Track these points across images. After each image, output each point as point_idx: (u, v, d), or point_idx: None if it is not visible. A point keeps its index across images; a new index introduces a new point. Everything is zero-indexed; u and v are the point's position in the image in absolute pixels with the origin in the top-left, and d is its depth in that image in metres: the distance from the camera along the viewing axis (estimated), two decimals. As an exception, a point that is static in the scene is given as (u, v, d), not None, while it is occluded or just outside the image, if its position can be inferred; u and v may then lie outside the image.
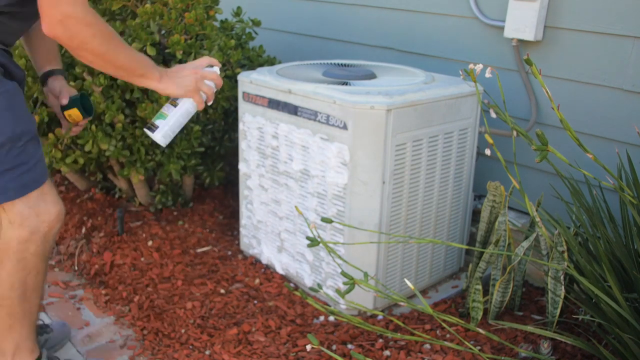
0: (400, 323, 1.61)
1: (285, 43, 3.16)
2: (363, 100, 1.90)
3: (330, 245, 2.10)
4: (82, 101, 1.89)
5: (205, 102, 1.71)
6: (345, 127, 1.94)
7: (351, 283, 1.35)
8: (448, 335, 1.97)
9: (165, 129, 1.68)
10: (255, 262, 2.46)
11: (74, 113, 1.87)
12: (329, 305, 2.15)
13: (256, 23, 2.81)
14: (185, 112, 1.70)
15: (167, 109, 1.70)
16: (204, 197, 2.98)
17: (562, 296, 1.84)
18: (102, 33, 1.43)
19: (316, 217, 2.13)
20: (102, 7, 2.44)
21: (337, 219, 2.05)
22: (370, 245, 2.01)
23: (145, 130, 1.71)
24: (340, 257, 1.46)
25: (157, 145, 2.54)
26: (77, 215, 2.73)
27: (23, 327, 1.62)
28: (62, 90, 1.86)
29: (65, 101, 1.85)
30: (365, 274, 1.41)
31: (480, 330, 1.61)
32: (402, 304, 1.44)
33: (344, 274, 1.39)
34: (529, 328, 1.70)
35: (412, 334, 1.96)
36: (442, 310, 2.14)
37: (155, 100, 2.38)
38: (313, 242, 1.35)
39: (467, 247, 1.54)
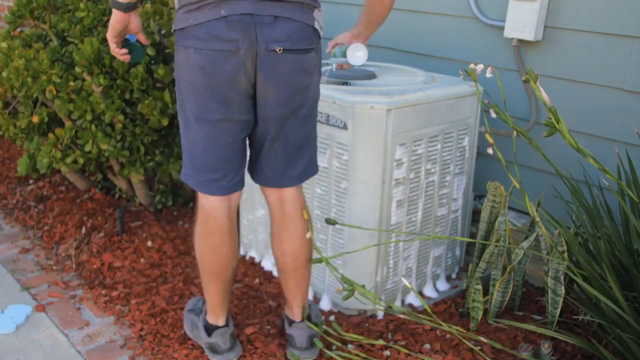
0: (406, 315, 1.61)
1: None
2: (363, 100, 1.90)
3: (330, 244, 2.10)
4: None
5: None
6: (345, 127, 1.94)
7: (350, 290, 1.35)
8: (448, 336, 1.97)
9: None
10: (255, 263, 2.46)
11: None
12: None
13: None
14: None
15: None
16: (204, 197, 2.97)
17: (562, 296, 1.84)
18: None
19: (317, 217, 2.13)
20: (102, 7, 2.44)
21: (338, 219, 2.05)
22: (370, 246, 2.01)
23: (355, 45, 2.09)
24: (337, 271, 1.46)
25: (156, 145, 2.54)
26: (77, 215, 2.73)
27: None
28: None
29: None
30: (363, 287, 1.41)
31: (482, 338, 1.61)
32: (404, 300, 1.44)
33: (344, 279, 1.39)
34: (532, 327, 1.70)
35: (412, 335, 1.96)
36: (442, 310, 2.14)
37: (158, 98, 2.39)
38: (314, 261, 1.35)
39: (469, 239, 1.54)
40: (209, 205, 1.72)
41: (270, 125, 1.66)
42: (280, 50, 1.54)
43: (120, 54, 1.70)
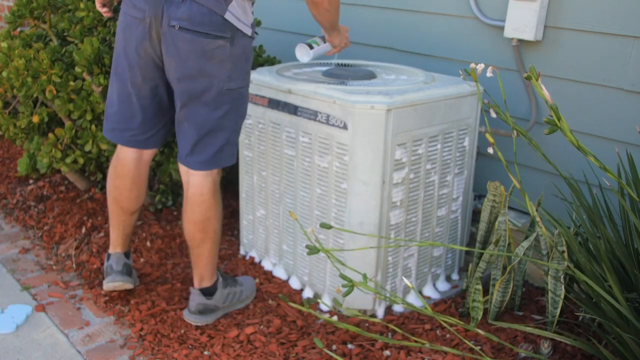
0: (397, 329, 1.61)
1: (285, 43, 3.16)
2: (363, 100, 1.90)
3: (332, 245, 2.10)
4: None
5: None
6: (345, 127, 1.94)
7: (350, 286, 1.34)
8: (448, 336, 1.97)
9: (314, 52, 2.25)
10: (255, 263, 2.46)
11: None
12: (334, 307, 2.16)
13: (256, 23, 2.81)
14: (325, 50, 2.29)
15: (318, 40, 2.28)
16: (204, 197, 2.97)
17: (562, 296, 1.84)
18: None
19: (317, 217, 2.13)
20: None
21: (338, 219, 2.05)
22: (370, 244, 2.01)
23: (302, 44, 2.23)
24: (340, 262, 1.46)
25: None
26: (77, 215, 2.73)
27: (217, 255, 2.08)
28: None
29: None
30: (365, 276, 1.41)
31: (480, 331, 1.61)
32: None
33: (342, 276, 1.38)
34: (528, 329, 1.70)
35: (412, 334, 1.96)
36: (442, 310, 2.14)
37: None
38: (312, 250, 1.35)
39: (467, 248, 1.54)
40: (122, 153, 2.01)
41: (177, 100, 1.84)
42: (177, 27, 1.72)
43: (104, 11, 2.00)
